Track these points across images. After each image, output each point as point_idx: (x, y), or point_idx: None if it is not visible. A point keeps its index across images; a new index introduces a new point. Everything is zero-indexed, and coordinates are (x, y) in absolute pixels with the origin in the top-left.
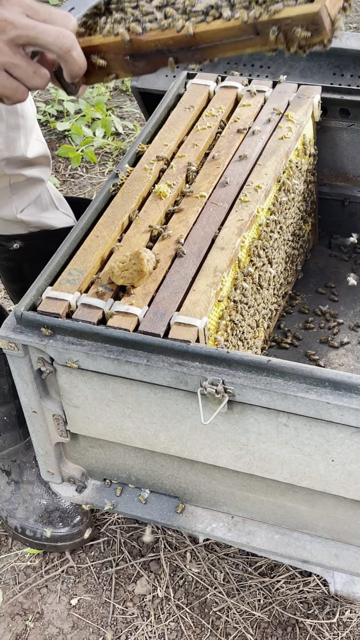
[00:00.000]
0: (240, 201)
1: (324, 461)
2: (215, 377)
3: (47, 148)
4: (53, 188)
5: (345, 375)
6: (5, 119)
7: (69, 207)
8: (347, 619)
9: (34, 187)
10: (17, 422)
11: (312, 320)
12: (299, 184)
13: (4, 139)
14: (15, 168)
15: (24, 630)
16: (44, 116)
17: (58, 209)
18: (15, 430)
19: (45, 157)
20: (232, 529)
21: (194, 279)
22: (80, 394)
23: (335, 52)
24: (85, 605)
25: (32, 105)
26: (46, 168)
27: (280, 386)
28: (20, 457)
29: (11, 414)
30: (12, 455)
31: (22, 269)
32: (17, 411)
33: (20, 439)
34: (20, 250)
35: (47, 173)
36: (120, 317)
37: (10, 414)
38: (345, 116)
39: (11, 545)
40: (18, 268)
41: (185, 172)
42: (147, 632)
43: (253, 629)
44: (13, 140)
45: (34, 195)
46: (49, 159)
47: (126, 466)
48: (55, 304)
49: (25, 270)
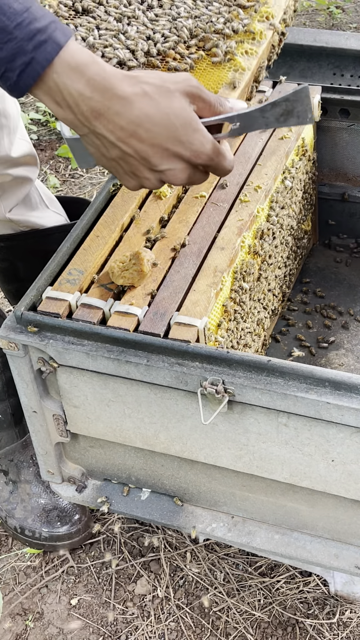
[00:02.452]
0: (240, 201)
1: (324, 461)
2: (215, 377)
3: (32, 147)
4: (43, 187)
5: (345, 375)
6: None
7: (60, 206)
8: (347, 619)
9: (21, 187)
10: (13, 421)
11: (312, 320)
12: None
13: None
14: (1, 168)
15: (24, 630)
16: (44, 116)
17: (48, 208)
18: (11, 428)
19: (31, 157)
20: (232, 529)
21: (194, 279)
22: (80, 394)
23: (335, 52)
24: (85, 605)
25: (16, 104)
26: (33, 167)
27: (280, 386)
28: (17, 456)
29: (6, 412)
30: (9, 454)
31: (17, 269)
32: (13, 409)
33: (17, 438)
34: (13, 250)
35: (35, 172)
36: (120, 317)
37: (6, 412)
38: (345, 116)
39: (11, 545)
40: (12, 268)
41: None
42: (147, 632)
43: (253, 629)
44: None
45: (22, 194)
46: (35, 158)
47: (126, 466)
48: (56, 304)
49: (20, 270)
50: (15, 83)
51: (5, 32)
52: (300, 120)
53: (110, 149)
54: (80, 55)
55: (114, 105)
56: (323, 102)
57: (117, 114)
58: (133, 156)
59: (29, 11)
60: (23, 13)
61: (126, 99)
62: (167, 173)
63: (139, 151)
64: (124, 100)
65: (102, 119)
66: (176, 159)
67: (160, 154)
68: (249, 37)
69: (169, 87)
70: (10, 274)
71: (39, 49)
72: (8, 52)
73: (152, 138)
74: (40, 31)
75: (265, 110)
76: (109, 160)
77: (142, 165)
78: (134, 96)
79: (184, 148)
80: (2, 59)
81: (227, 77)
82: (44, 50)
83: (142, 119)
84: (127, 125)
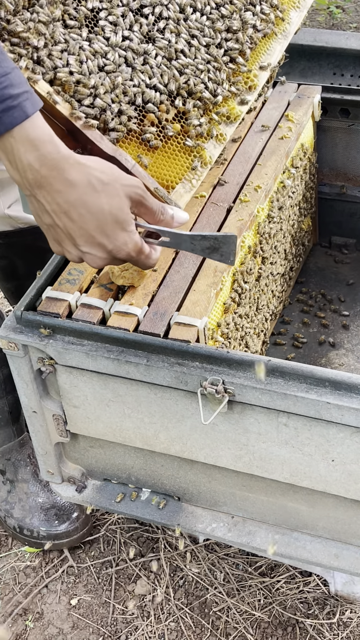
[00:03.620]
0: (240, 201)
1: (324, 461)
2: (215, 377)
3: None
4: None
5: (345, 375)
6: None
7: None
8: (347, 619)
9: None
10: (10, 419)
11: (312, 320)
12: (299, 184)
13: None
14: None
15: (24, 630)
16: None
17: None
18: (8, 427)
19: None
20: (232, 529)
21: (194, 279)
22: (80, 394)
23: (335, 52)
24: (85, 605)
25: None
26: None
27: (280, 386)
28: (14, 455)
29: (3, 410)
30: (6, 453)
31: (15, 266)
32: (10, 407)
33: (14, 436)
34: (11, 247)
35: None
36: (120, 317)
37: (3, 410)
38: (345, 116)
39: (11, 545)
40: (11, 266)
41: None
42: (147, 632)
43: (253, 629)
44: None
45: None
46: None
47: (126, 466)
48: (55, 304)
49: (19, 268)
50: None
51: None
52: (223, 258)
53: (43, 216)
54: (41, 131)
55: (56, 184)
56: (323, 102)
57: (57, 191)
58: (62, 229)
59: (8, 76)
60: (1, 77)
61: (70, 183)
62: (86, 256)
63: (67, 228)
64: (67, 183)
65: (42, 191)
66: (98, 247)
67: (85, 238)
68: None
69: (116, 186)
70: (8, 271)
71: (7, 112)
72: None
73: (82, 222)
74: (12, 97)
75: (195, 239)
76: (41, 224)
77: (67, 240)
78: (79, 183)
79: (108, 241)
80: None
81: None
82: (11, 115)
83: (79, 203)
84: (64, 203)
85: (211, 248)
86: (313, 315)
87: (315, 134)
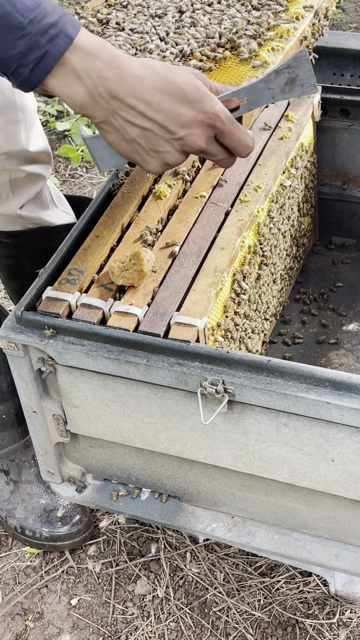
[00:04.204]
0: (240, 201)
1: (324, 461)
2: (215, 377)
3: (48, 144)
4: (53, 187)
5: (345, 375)
6: (4, 113)
7: (68, 206)
8: (347, 619)
9: (34, 184)
10: (16, 421)
11: (311, 320)
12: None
13: (4, 133)
14: (16, 164)
15: (24, 630)
16: (44, 116)
17: (57, 207)
18: (14, 429)
19: (46, 154)
20: (232, 529)
21: (194, 279)
22: (80, 394)
23: (335, 52)
24: (85, 605)
25: (33, 99)
26: (47, 165)
27: (280, 386)
28: (19, 456)
29: (9, 412)
30: (10, 454)
31: (22, 266)
32: (16, 409)
33: (19, 438)
34: (19, 247)
35: (48, 170)
36: (120, 317)
37: (9, 412)
38: (345, 116)
39: (11, 545)
40: (17, 265)
41: (186, 172)
42: (147, 632)
43: (253, 629)
44: (13, 134)
45: (34, 191)
46: (49, 155)
47: (126, 466)
48: (55, 304)
49: (25, 267)
50: (27, 77)
51: (20, 29)
52: (304, 88)
53: (128, 129)
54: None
55: (128, 84)
56: (323, 102)
57: (131, 90)
58: (151, 130)
59: (40, 7)
60: (35, 9)
61: (138, 77)
62: (186, 139)
63: (156, 121)
64: (136, 78)
65: (118, 99)
66: (192, 124)
67: (175, 119)
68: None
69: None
70: (14, 270)
71: (52, 42)
72: (22, 47)
73: (166, 107)
74: (52, 25)
75: (270, 80)
76: (129, 143)
77: (161, 138)
78: (146, 73)
79: (196, 110)
80: (16, 54)
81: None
82: (57, 43)
83: (154, 91)
84: (142, 98)
85: (289, 81)
86: (313, 315)
87: (315, 134)
